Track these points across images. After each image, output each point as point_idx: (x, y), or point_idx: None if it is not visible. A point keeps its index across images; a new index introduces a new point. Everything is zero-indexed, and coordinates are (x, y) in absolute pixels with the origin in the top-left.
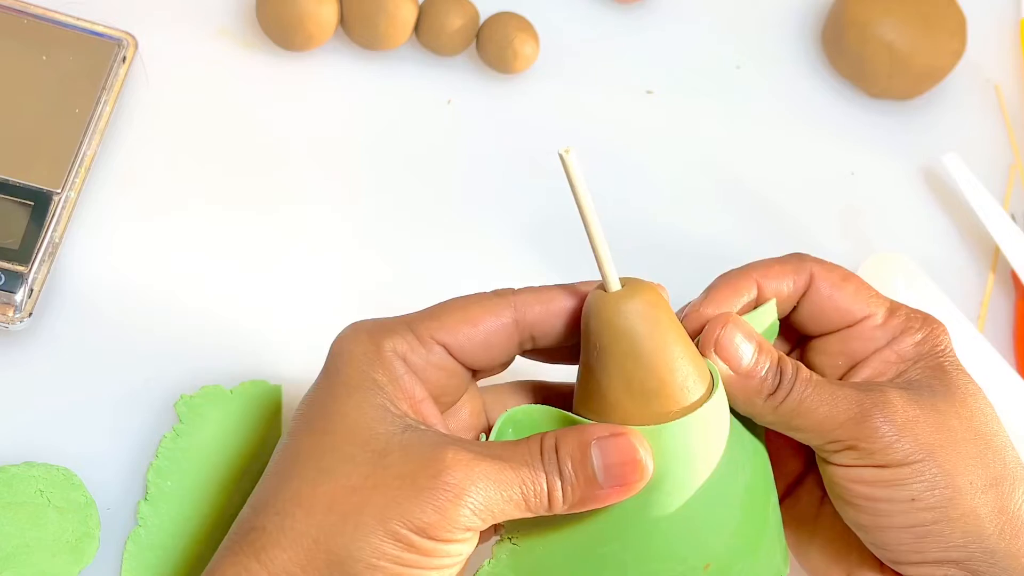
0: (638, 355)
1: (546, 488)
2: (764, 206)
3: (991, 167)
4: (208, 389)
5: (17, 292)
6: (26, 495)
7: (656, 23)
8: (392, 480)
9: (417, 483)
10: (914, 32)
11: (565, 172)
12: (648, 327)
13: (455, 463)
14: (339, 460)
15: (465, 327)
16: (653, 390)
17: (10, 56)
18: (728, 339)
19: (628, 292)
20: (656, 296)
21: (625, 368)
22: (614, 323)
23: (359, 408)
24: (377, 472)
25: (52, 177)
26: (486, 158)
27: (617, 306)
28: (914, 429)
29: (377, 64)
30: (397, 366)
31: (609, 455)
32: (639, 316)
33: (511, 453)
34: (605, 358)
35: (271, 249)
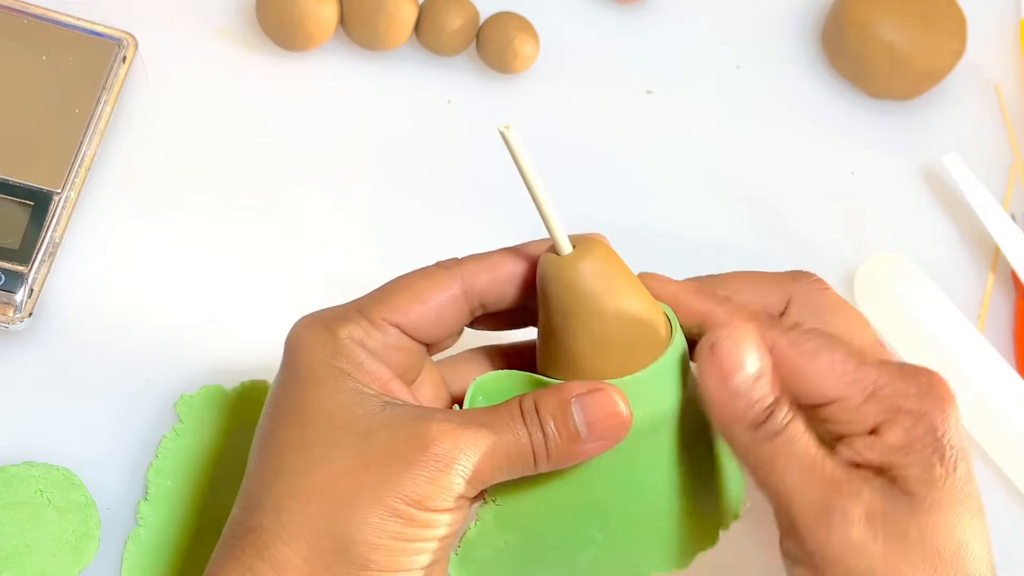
0: (602, 313)
1: (531, 447)
2: (764, 206)
3: (991, 167)
4: (208, 389)
5: (17, 292)
6: (26, 495)
7: (656, 23)
8: (381, 458)
9: (407, 458)
10: (914, 32)
11: (507, 147)
12: (608, 285)
13: (441, 434)
14: (325, 447)
15: (415, 305)
16: (621, 344)
17: (10, 56)
18: (733, 347)
19: (582, 253)
20: (609, 252)
21: (591, 328)
22: (575, 286)
23: (333, 395)
24: (365, 453)
25: (52, 177)
26: (486, 158)
27: (575, 269)
28: (863, 550)
29: (377, 64)
30: (357, 352)
31: (590, 411)
32: (598, 276)
33: (492, 418)
34: (569, 320)
35: (271, 249)
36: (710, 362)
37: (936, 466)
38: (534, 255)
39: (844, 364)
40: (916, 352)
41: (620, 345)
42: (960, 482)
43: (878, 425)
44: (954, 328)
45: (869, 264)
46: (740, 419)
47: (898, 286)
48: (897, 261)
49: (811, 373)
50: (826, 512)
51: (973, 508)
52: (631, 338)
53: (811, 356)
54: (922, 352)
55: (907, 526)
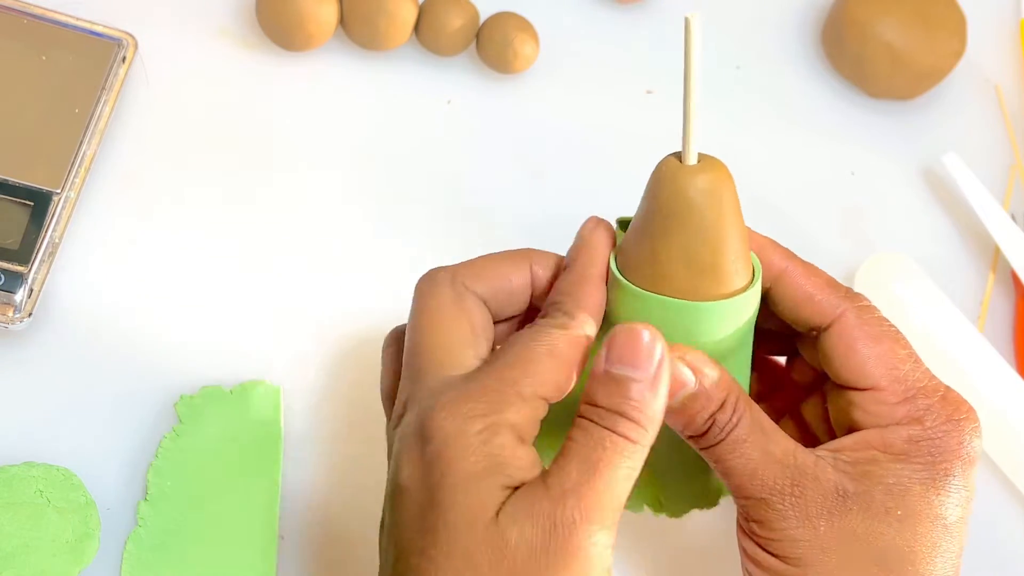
0: (705, 231)
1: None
2: (764, 206)
3: (991, 167)
4: (208, 389)
5: (17, 292)
6: (26, 495)
7: (656, 23)
8: (522, 565)
9: (545, 548)
10: (914, 32)
11: (686, 37)
12: (718, 205)
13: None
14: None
15: (557, 375)
16: (710, 267)
17: (10, 56)
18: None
19: (705, 167)
20: (728, 176)
21: (688, 241)
22: (687, 195)
23: (474, 496)
24: (503, 564)
25: (52, 177)
26: (486, 158)
27: (694, 179)
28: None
29: (377, 64)
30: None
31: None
32: (712, 194)
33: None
34: (671, 227)
35: (271, 248)
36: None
37: (918, 483)
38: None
39: (901, 361)
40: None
41: (709, 268)
42: (943, 507)
43: (894, 424)
44: (954, 328)
45: (869, 264)
46: (679, 429)
47: (898, 286)
48: (897, 261)
49: (866, 355)
50: (772, 504)
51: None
52: (721, 266)
53: (873, 339)
54: (922, 352)
55: (855, 526)
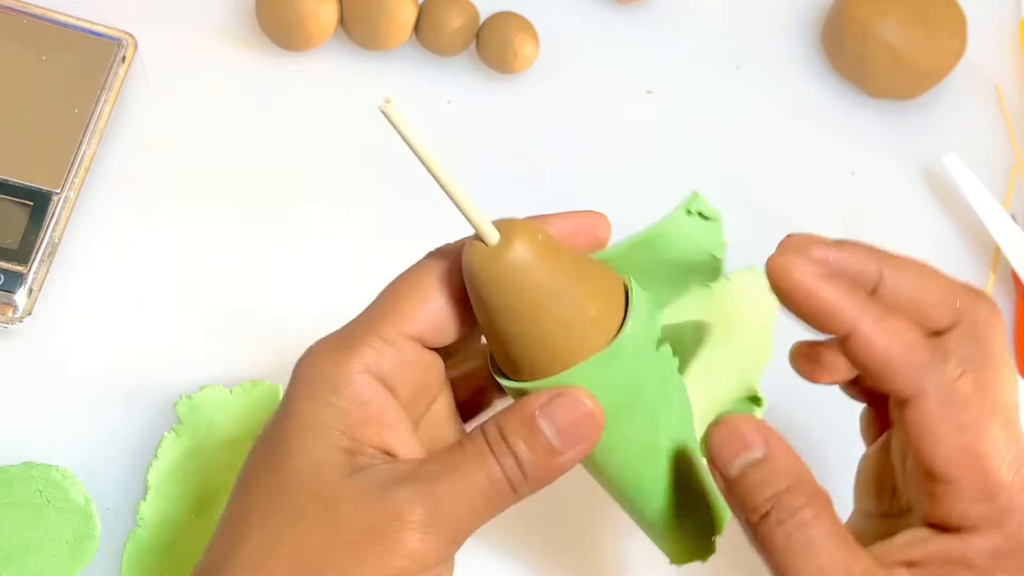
0: (549, 303)
1: (507, 479)
2: (764, 206)
3: (991, 167)
4: (208, 389)
5: (17, 292)
6: (25, 496)
7: (656, 23)
8: (350, 533)
9: (377, 531)
10: (914, 32)
11: (393, 127)
12: (548, 271)
13: (409, 500)
14: (292, 518)
15: (424, 306)
16: (575, 332)
17: (10, 56)
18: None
19: (510, 240)
20: (540, 234)
21: (539, 320)
22: (510, 279)
23: (310, 453)
24: (333, 527)
25: (52, 177)
26: (486, 158)
27: (506, 260)
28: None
29: (377, 64)
30: (365, 389)
31: (558, 418)
32: (535, 263)
33: (460, 461)
34: (512, 316)
35: (270, 249)
36: (712, 446)
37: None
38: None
39: (991, 449)
40: None
41: (574, 333)
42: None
43: (972, 529)
44: None
45: None
46: (738, 510)
47: None
48: None
49: (946, 445)
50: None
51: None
52: (586, 323)
53: (958, 427)
54: None
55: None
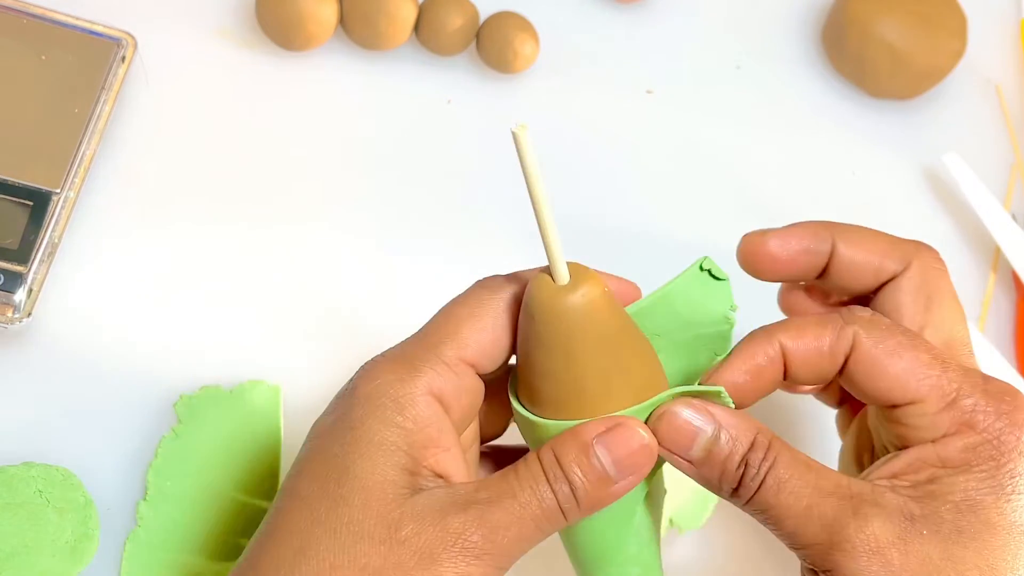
0: (609, 346)
1: (558, 504)
2: (764, 206)
3: (992, 167)
4: (208, 389)
5: (17, 292)
6: (25, 495)
7: (656, 23)
8: (410, 556)
9: (435, 555)
10: (914, 32)
11: (518, 151)
12: (611, 316)
13: (467, 526)
14: (356, 537)
15: (481, 335)
16: (627, 377)
17: (10, 56)
18: (673, 418)
19: (581, 281)
20: (605, 287)
21: (598, 361)
22: (577, 317)
23: (373, 471)
24: (394, 550)
25: (52, 177)
26: (486, 158)
27: (576, 299)
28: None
29: (377, 64)
30: (427, 411)
31: (615, 448)
32: (602, 307)
33: (515, 487)
34: (574, 354)
35: (270, 248)
36: (664, 441)
37: (987, 493)
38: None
39: (928, 367)
40: None
41: (626, 378)
42: (1016, 513)
43: (944, 436)
44: None
45: None
46: (718, 486)
47: None
48: None
49: (893, 372)
50: (836, 542)
51: (1019, 543)
52: (635, 370)
53: (893, 354)
54: None
55: (930, 551)
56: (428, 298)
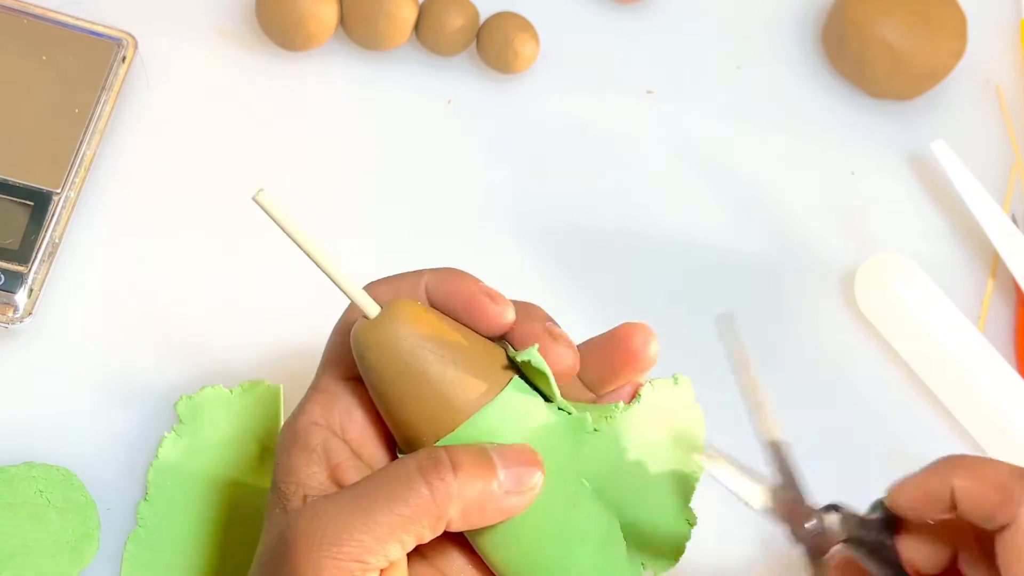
0: (426, 371)
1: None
2: (764, 206)
3: (992, 167)
4: (208, 389)
5: (17, 292)
6: (26, 495)
7: (656, 23)
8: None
9: (275, 558)
10: (914, 32)
11: (269, 215)
12: (421, 341)
13: (298, 519)
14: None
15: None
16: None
17: (10, 56)
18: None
19: (386, 310)
20: (418, 306)
21: (416, 387)
22: (398, 346)
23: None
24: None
25: (52, 177)
26: (486, 158)
27: (373, 334)
28: None
29: (377, 64)
30: (313, 437)
31: (510, 456)
32: (409, 333)
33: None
34: (392, 385)
35: (270, 247)
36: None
37: None
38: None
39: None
40: (916, 352)
41: (450, 400)
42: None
43: None
44: (954, 328)
45: (869, 264)
46: None
47: (898, 286)
48: (897, 261)
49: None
50: None
51: None
52: (483, 365)
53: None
54: (922, 352)
55: None
56: None
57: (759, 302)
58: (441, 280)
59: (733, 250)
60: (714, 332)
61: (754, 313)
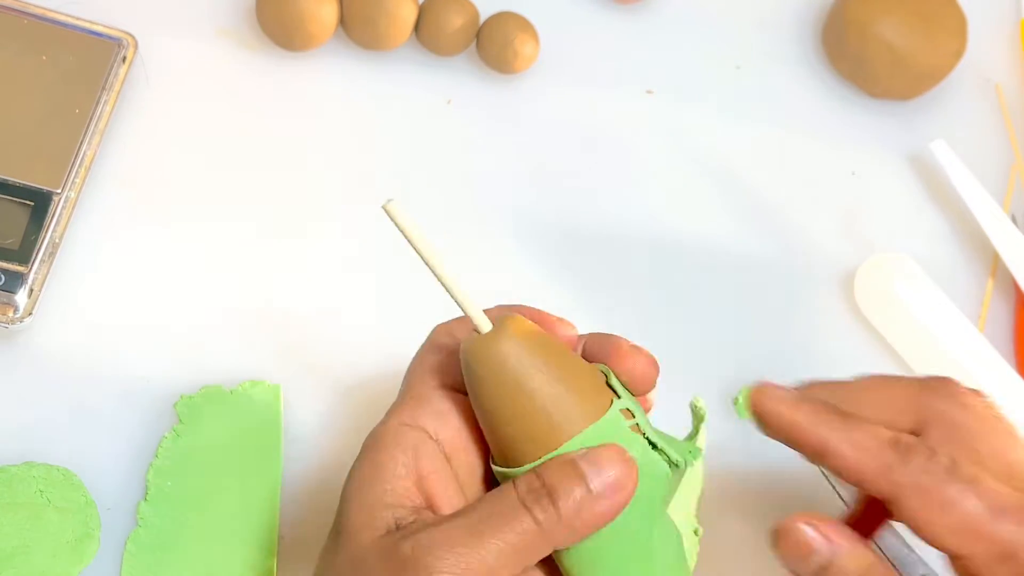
0: (536, 389)
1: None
2: (764, 206)
3: (992, 167)
4: (208, 389)
5: (17, 292)
6: (26, 495)
7: (656, 23)
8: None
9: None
10: (914, 32)
11: (394, 223)
12: (544, 353)
13: (415, 549)
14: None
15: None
16: (562, 417)
17: (10, 56)
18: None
19: (498, 328)
20: (528, 324)
21: (523, 405)
22: (505, 363)
23: (359, 514)
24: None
25: (52, 177)
26: (486, 158)
27: (489, 348)
28: None
29: (377, 64)
30: (401, 440)
31: (600, 460)
32: (532, 347)
33: (483, 510)
34: (500, 401)
35: (270, 248)
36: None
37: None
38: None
39: (981, 517)
40: (916, 352)
41: (557, 418)
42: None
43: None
44: (954, 328)
45: (869, 264)
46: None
47: (898, 286)
48: (897, 261)
49: (942, 528)
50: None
51: None
52: (587, 390)
53: (943, 508)
54: (922, 352)
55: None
56: (428, 297)
57: (759, 302)
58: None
59: (733, 250)
60: (715, 331)
61: (754, 313)
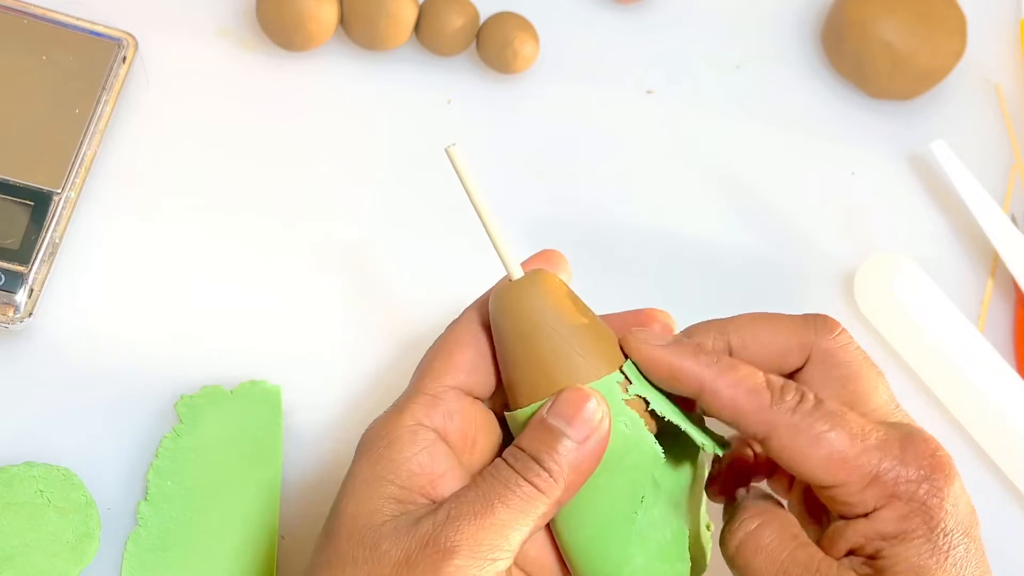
0: (565, 327)
1: (539, 490)
2: (764, 206)
3: (992, 167)
4: (208, 389)
5: (17, 292)
6: (26, 495)
7: (656, 23)
8: (390, 567)
9: (411, 561)
10: (914, 32)
11: (453, 167)
12: (566, 302)
13: (436, 525)
14: (343, 563)
15: (461, 359)
16: (572, 364)
17: (10, 56)
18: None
19: (534, 276)
20: (548, 283)
21: (554, 343)
22: (533, 306)
23: (362, 505)
24: (375, 567)
25: (52, 177)
26: (486, 158)
27: (523, 291)
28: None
29: (377, 64)
30: (415, 442)
31: (565, 410)
32: (557, 294)
33: (480, 478)
34: (517, 341)
35: (271, 248)
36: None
37: (928, 557)
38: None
39: (847, 449)
40: (916, 352)
41: (567, 365)
42: (957, 568)
43: (876, 510)
44: (954, 328)
45: (869, 264)
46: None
47: (898, 286)
48: (897, 261)
49: (813, 460)
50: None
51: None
52: (580, 358)
53: (813, 442)
54: (922, 352)
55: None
56: (428, 297)
57: (759, 302)
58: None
59: (733, 250)
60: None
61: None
